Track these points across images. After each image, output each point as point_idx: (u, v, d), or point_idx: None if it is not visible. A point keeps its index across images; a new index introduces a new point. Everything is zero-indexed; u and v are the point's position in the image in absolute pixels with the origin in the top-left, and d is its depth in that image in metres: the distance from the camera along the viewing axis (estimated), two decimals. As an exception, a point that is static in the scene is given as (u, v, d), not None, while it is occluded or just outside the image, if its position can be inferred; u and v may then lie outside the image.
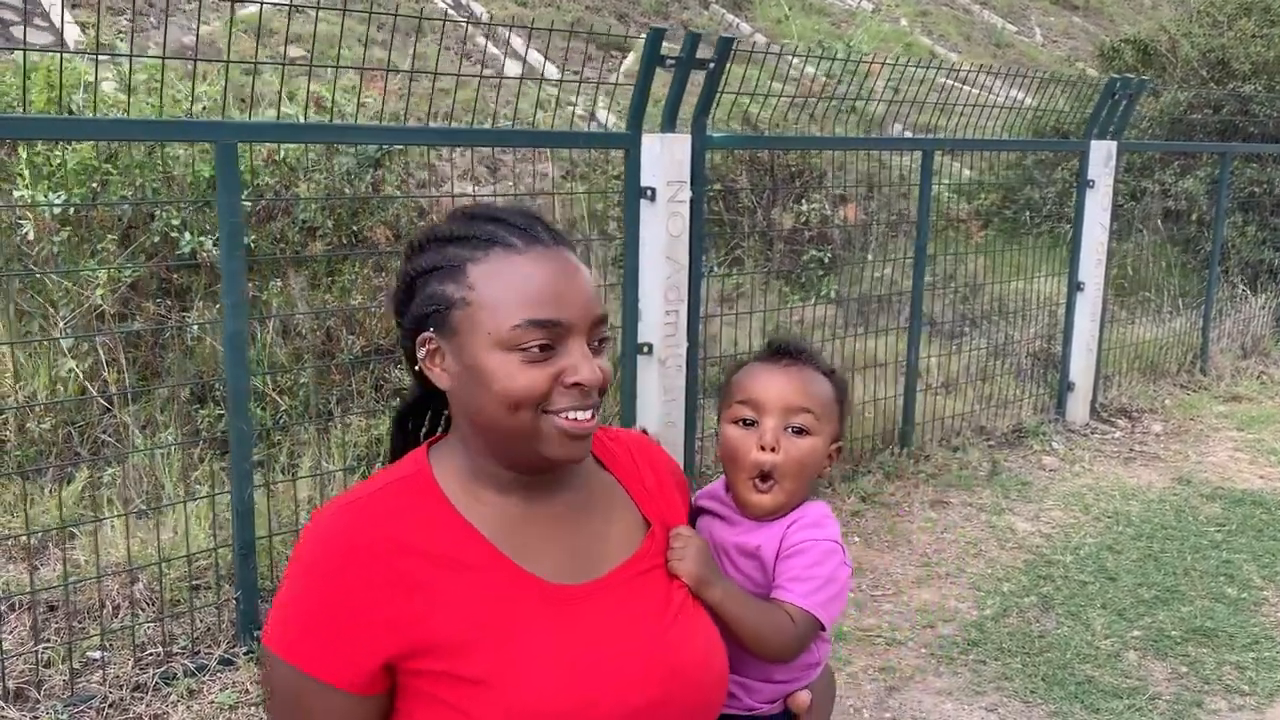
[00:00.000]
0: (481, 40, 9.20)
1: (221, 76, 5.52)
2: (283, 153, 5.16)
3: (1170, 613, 4.15)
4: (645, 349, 4.31)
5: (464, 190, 6.78)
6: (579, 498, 1.29)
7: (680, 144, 4.23)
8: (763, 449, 1.37)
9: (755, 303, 5.92)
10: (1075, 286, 6.51)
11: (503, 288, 1.17)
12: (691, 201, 4.31)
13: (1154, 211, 8.51)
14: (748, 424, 1.40)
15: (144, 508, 3.98)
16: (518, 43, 9.21)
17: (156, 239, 4.75)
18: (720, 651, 1.28)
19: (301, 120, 4.61)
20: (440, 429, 1.37)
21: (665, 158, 4.17)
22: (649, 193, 4.19)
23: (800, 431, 1.39)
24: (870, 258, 6.96)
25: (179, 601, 3.58)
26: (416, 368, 1.24)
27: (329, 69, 5.60)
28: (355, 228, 5.54)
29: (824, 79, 7.83)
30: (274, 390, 4.75)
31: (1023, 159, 9.00)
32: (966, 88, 8.40)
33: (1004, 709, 3.50)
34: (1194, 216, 8.66)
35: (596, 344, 1.21)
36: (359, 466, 4.38)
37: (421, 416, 1.38)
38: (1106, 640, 3.93)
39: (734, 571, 1.39)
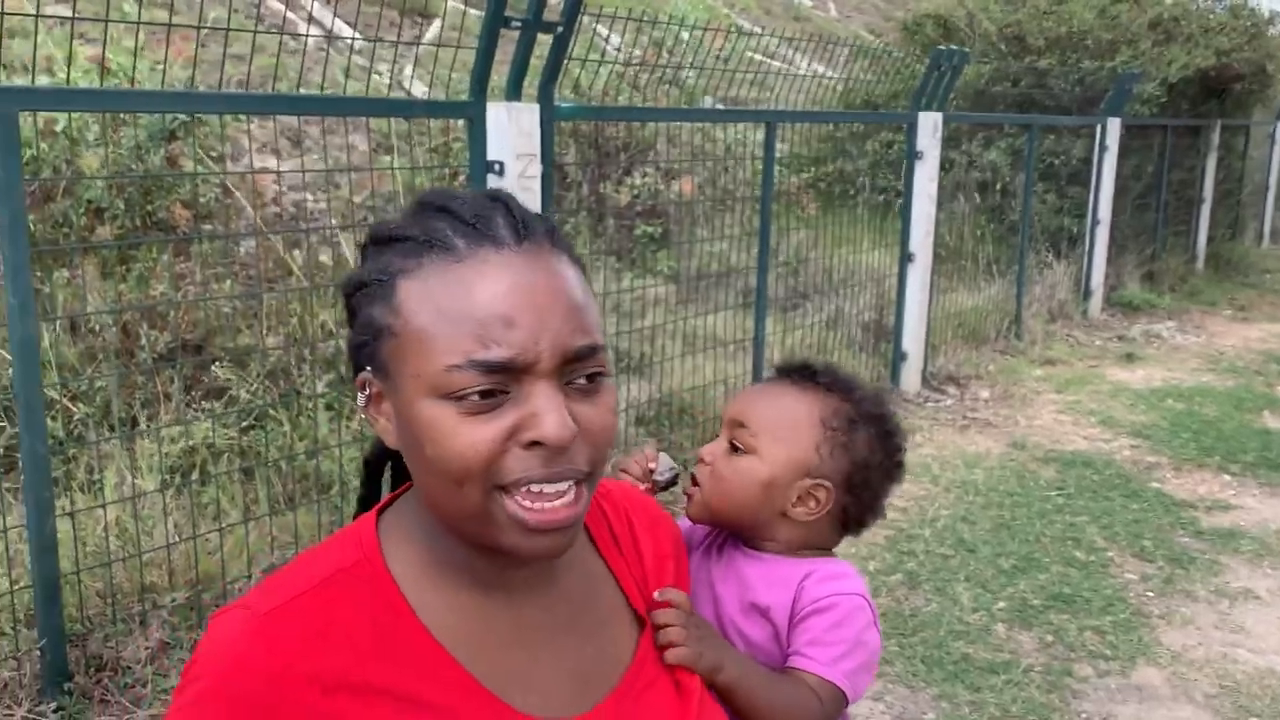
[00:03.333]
0: (274, 4, 8.51)
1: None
2: (61, 122, 4.51)
3: (1029, 581, 4.20)
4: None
5: (266, 165, 6.22)
6: (575, 595, 0.99)
7: (529, 114, 3.92)
8: (700, 460, 1.26)
9: (595, 283, 5.67)
10: (907, 258, 6.59)
11: (432, 311, 0.85)
12: (542, 177, 4.02)
13: (967, 181, 8.78)
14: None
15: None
16: (320, 11, 8.58)
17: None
18: None
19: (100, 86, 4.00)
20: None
21: (513, 129, 3.85)
22: (497, 167, 3.86)
23: (737, 449, 1.23)
24: (705, 234, 6.83)
25: (-35, 656, 3.04)
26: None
27: (108, 28, 4.96)
28: (150, 207, 4.93)
29: (645, 51, 7.62)
30: (66, 397, 4.15)
31: (836, 131, 9.08)
32: (773, 62, 8.39)
33: (891, 695, 3.42)
34: (999, 186, 9.00)
35: (582, 383, 0.88)
36: (174, 480, 3.88)
37: (389, 464, 1.07)
38: (975, 614, 3.94)
39: (734, 634, 1.16)
